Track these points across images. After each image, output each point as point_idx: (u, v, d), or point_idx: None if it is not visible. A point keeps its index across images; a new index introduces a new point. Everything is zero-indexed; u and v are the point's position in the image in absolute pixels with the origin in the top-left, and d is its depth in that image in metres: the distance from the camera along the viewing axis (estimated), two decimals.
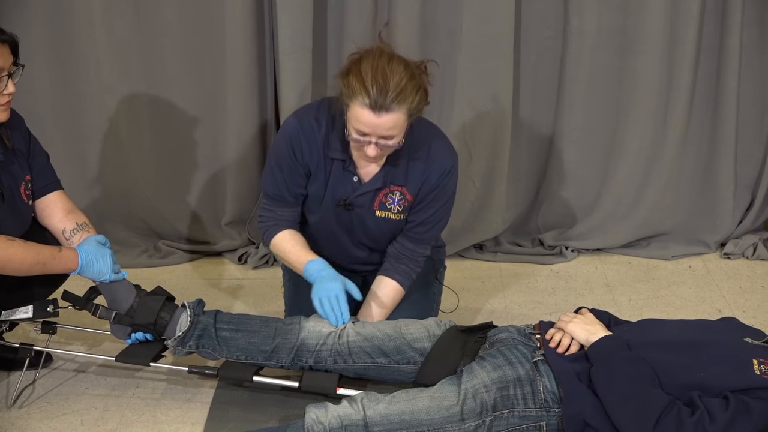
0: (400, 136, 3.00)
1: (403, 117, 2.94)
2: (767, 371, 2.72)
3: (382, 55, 2.96)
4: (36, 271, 3.08)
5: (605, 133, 4.35)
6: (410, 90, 2.92)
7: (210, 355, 3.23)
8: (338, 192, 3.25)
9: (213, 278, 4.30)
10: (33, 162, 3.25)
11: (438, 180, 3.22)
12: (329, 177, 3.23)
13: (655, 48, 4.13)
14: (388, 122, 2.92)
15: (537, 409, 2.88)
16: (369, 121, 2.92)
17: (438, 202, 3.27)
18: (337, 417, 2.85)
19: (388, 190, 3.24)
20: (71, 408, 3.33)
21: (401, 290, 3.39)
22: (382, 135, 2.96)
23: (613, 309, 3.75)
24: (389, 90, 2.88)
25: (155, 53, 4.14)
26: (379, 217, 3.28)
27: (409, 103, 2.93)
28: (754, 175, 4.48)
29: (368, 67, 2.92)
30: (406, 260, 3.38)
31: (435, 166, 3.20)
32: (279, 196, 3.29)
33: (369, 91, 2.88)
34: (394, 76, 2.90)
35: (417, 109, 2.99)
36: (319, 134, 3.17)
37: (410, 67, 2.97)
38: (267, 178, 3.30)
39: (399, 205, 3.26)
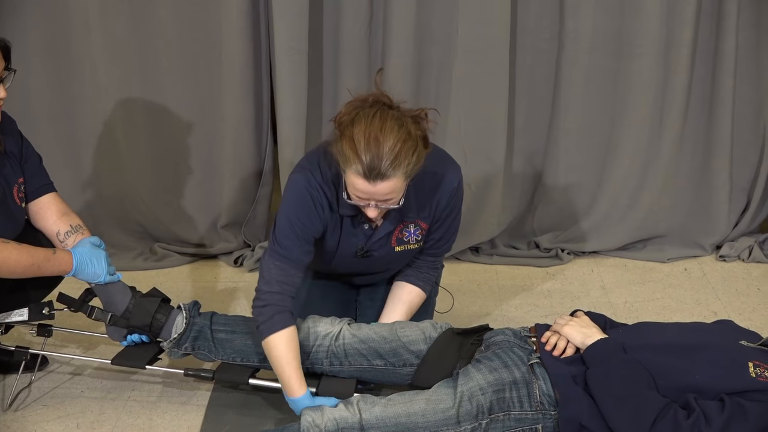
0: (399, 196, 2.91)
1: (401, 181, 2.84)
2: (763, 374, 2.72)
3: (375, 117, 2.81)
4: (30, 273, 3.07)
5: (601, 136, 4.36)
6: (405, 153, 2.79)
7: (206, 356, 3.23)
8: (352, 244, 3.20)
9: (209, 281, 4.30)
10: (26, 164, 3.24)
11: (448, 200, 3.19)
12: (341, 231, 3.16)
13: (650, 50, 4.13)
14: (385, 189, 2.83)
15: (533, 412, 2.88)
16: (365, 189, 2.84)
17: (450, 217, 3.26)
18: (333, 420, 2.84)
19: (403, 226, 3.19)
20: (67, 411, 3.32)
21: (424, 295, 3.41)
22: (380, 200, 2.89)
23: (609, 312, 3.76)
24: (383, 157, 2.76)
25: (151, 56, 4.14)
26: (398, 252, 3.26)
27: (405, 167, 2.80)
28: (750, 177, 4.49)
29: (361, 133, 2.79)
30: (426, 268, 3.39)
31: (443, 189, 3.16)
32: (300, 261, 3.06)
33: (362, 160, 2.77)
34: (388, 139, 2.77)
35: (416, 168, 2.87)
36: (330, 191, 3.06)
37: (406, 126, 2.83)
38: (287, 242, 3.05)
39: (416, 235, 3.23)
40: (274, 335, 2.98)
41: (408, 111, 2.90)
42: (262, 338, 3.02)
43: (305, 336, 3.17)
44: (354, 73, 4.16)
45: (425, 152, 2.90)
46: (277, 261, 3.04)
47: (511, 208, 4.50)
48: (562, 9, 4.11)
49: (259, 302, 3.03)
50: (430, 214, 3.19)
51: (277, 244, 3.05)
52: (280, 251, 3.04)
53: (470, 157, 4.26)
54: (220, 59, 4.12)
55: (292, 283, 3.05)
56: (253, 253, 4.41)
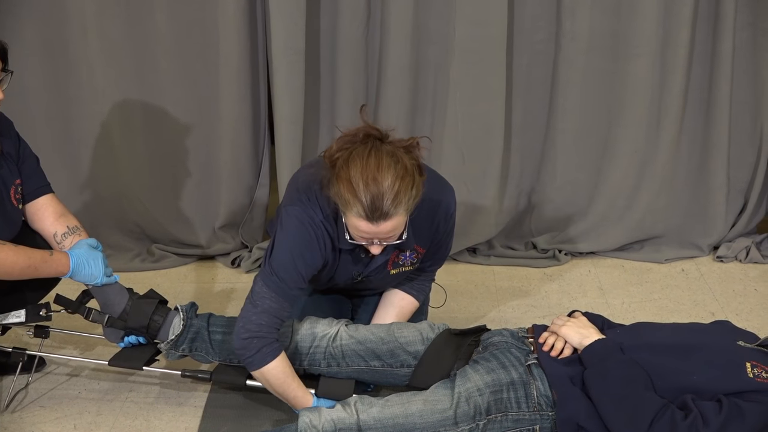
0: (402, 230, 2.90)
1: (403, 217, 2.83)
2: (760, 374, 2.72)
3: (370, 156, 2.77)
4: (27, 275, 3.07)
5: (598, 137, 4.36)
6: (405, 189, 2.76)
7: (203, 358, 3.23)
8: (349, 271, 3.19)
9: (206, 282, 4.29)
10: (23, 166, 3.24)
11: (445, 224, 3.20)
12: (339, 264, 3.15)
13: (647, 51, 4.13)
14: (388, 227, 2.81)
15: (530, 413, 2.88)
16: (368, 230, 2.82)
17: (446, 239, 3.27)
18: (330, 421, 2.84)
19: (399, 251, 3.18)
20: (64, 412, 3.32)
21: (417, 304, 3.43)
22: (384, 238, 2.88)
23: (607, 312, 3.76)
24: (383, 197, 2.74)
25: (147, 57, 4.14)
26: (393, 274, 3.26)
27: (405, 203, 2.78)
28: (747, 178, 4.49)
29: (358, 174, 2.75)
30: (420, 280, 3.41)
31: (441, 215, 3.16)
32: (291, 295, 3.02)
33: (363, 203, 2.74)
34: (386, 178, 2.74)
35: (415, 201, 2.85)
36: (332, 231, 3.02)
37: (401, 161, 2.79)
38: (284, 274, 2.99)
39: (411, 258, 3.23)
40: (267, 367, 2.97)
41: (399, 142, 2.86)
42: (252, 370, 3.00)
43: (303, 337, 3.18)
44: (351, 74, 4.16)
45: (421, 180, 2.86)
46: (273, 293, 2.99)
47: (509, 209, 4.50)
48: (559, 10, 4.11)
49: (245, 333, 2.97)
50: (427, 239, 3.19)
51: (275, 275, 2.99)
52: (279, 284, 2.99)
53: (467, 157, 4.26)
54: (217, 60, 4.12)
55: (282, 317, 3.01)
56: (251, 254, 4.40)
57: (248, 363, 2.99)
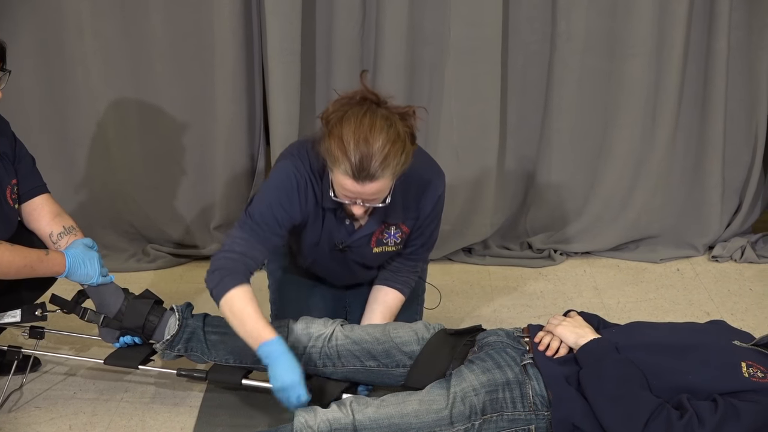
0: (386, 194, 2.94)
1: (389, 181, 2.87)
2: (755, 374, 2.72)
3: (365, 117, 2.82)
4: (23, 274, 3.07)
5: (593, 136, 4.37)
6: (394, 154, 2.81)
7: (199, 358, 3.23)
8: (333, 237, 3.21)
9: (201, 282, 4.22)
10: (19, 166, 3.24)
11: (433, 206, 3.21)
12: (323, 224, 3.17)
13: (642, 51, 4.14)
14: (373, 189, 2.85)
15: (526, 413, 2.88)
16: (353, 189, 2.85)
17: (433, 224, 3.28)
18: (326, 421, 2.84)
19: (384, 227, 3.20)
20: (59, 412, 3.32)
21: (402, 298, 3.40)
22: (368, 199, 2.91)
23: (602, 312, 3.76)
24: (372, 158, 2.78)
25: (143, 57, 4.14)
26: (376, 253, 3.27)
27: (393, 167, 2.83)
28: (742, 178, 4.50)
29: (350, 133, 2.79)
30: (405, 272, 3.39)
31: (428, 196, 3.18)
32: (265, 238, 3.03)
33: (351, 161, 2.79)
34: (377, 140, 2.78)
35: (403, 167, 2.89)
36: (317, 187, 3.07)
37: (394, 126, 2.83)
38: (259, 216, 3.03)
39: (396, 238, 3.24)
40: (226, 296, 2.93)
41: (396, 108, 2.90)
42: (217, 302, 2.96)
43: (298, 337, 3.17)
44: (347, 74, 4.16)
45: (412, 149, 2.91)
46: (245, 234, 3.02)
47: (504, 209, 4.50)
48: (554, 10, 4.11)
49: (212, 267, 2.99)
50: (413, 218, 3.21)
51: (250, 218, 3.03)
52: (252, 226, 3.02)
53: (463, 157, 4.26)
54: (212, 60, 4.12)
55: (253, 258, 3.00)
56: None
57: (213, 296, 2.97)
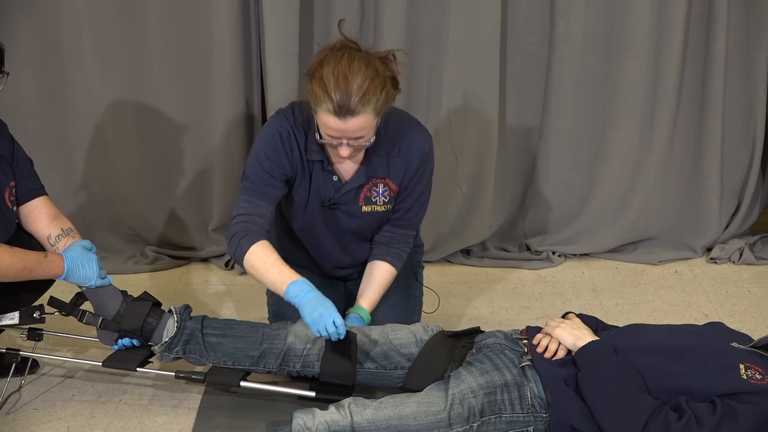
0: (370, 134, 3.03)
1: (371, 117, 2.97)
2: (754, 375, 2.72)
3: (343, 57, 2.96)
4: (22, 276, 3.07)
5: (592, 138, 4.36)
6: (374, 90, 2.93)
7: (197, 360, 3.23)
8: (321, 194, 3.26)
9: (200, 284, 4.29)
10: (17, 168, 3.24)
11: (418, 164, 3.26)
12: (311, 181, 3.25)
13: (641, 53, 4.14)
14: (355, 125, 2.95)
15: (524, 415, 2.88)
16: (336, 126, 2.96)
17: (420, 185, 3.31)
18: (324, 423, 2.84)
19: (372, 184, 3.26)
20: (58, 415, 3.31)
21: (393, 271, 3.42)
22: (352, 137, 2.99)
23: (600, 314, 3.76)
24: (352, 94, 2.90)
25: (141, 59, 4.14)
26: (365, 212, 3.31)
27: (374, 104, 2.94)
28: (740, 180, 4.49)
29: (330, 72, 2.93)
30: (397, 243, 3.42)
31: (413, 151, 3.24)
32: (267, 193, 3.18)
33: (332, 98, 2.90)
34: (356, 77, 2.91)
35: (385, 106, 3.02)
36: (300, 135, 3.19)
37: (373, 65, 2.97)
38: (253, 175, 3.20)
39: (384, 196, 3.29)
40: (246, 255, 3.10)
41: (376, 53, 3.05)
42: (240, 264, 3.14)
43: (296, 339, 3.18)
44: None
45: (395, 93, 3.06)
46: (245, 195, 3.19)
47: (502, 211, 4.50)
48: (552, 11, 4.11)
49: (227, 237, 3.19)
50: (400, 174, 3.26)
51: (245, 180, 3.21)
52: (248, 185, 3.20)
53: (461, 159, 4.26)
54: (210, 61, 4.11)
55: (260, 214, 3.17)
56: None
57: (236, 260, 3.15)
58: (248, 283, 4.23)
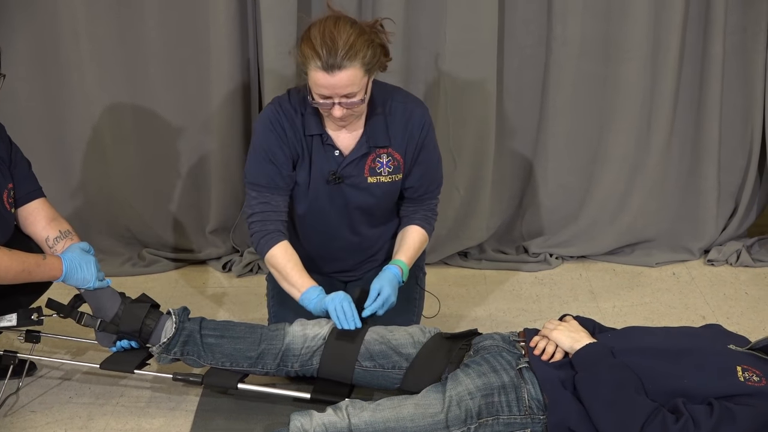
0: (361, 92, 3.08)
1: (359, 72, 3.03)
2: (751, 378, 2.72)
3: (329, 19, 3.06)
4: (21, 279, 3.07)
5: (589, 140, 4.37)
6: (360, 45, 3.01)
7: (195, 362, 3.23)
8: (324, 170, 3.29)
9: (197, 286, 4.29)
10: (15, 170, 3.24)
11: (419, 133, 3.31)
12: (312, 157, 3.29)
13: (638, 55, 4.15)
14: (344, 79, 3.01)
15: (522, 417, 2.88)
16: (326, 83, 3.02)
17: (425, 153, 3.35)
18: (321, 425, 2.84)
19: (375, 155, 3.29)
20: (55, 417, 3.31)
21: (423, 232, 3.44)
22: (343, 94, 3.04)
23: (598, 316, 3.76)
24: (338, 48, 2.97)
25: (139, 61, 4.14)
26: (371, 184, 3.33)
27: (361, 58, 3.01)
28: (738, 182, 4.49)
29: (317, 32, 3.02)
30: (422, 210, 3.46)
31: (413, 122, 3.30)
32: (272, 183, 3.27)
33: (320, 54, 2.98)
34: (342, 34, 3.00)
35: (373, 62, 3.09)
36: (296, 115, 3.25)
37: (359, 25, 3.08)
38: (255, 169, 3.29)
39: (389, 166, 3.32)
40: (267, 255, 3.29)
41: (363, 21, 3.18)
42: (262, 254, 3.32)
43: (294, 339, 3.18)
44: None
45: (385, 60, 3.17)
46: (253, 191, 3.30)
47: (500, 213, 4.50)
48: (549, 14, 4.11)
49: (249, 231, 3.34)
50: (402, 143, 3.31)
51: (248, 174, 3.32)
52: (252, 180, 3.30)
53: (459, 161, 4.27)
54: (208, 64, 4.12)
55: (273, 207, 3.29)
56: (242, 259, 4.40)
57: (258, 250, 3.33)
58: (246, 285, 4.24)
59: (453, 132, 4.22)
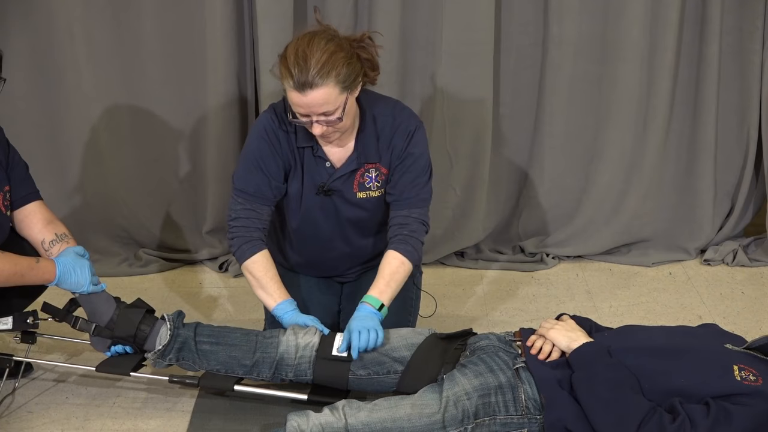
0: (339, 110, 3.05)
1: (334, 90, 3.00)
2: (747, 377, 2.72)
3: (304, 37, 3.04)
4: (14, 282, 3.06)
5: (585, 140, 4.36)
6: (335, 62, 2.98)
7: (190, 367, 3.22)
8: (315, 181, 3.29)
9: (193, 287, 4.29)
10: (11, 172, 3.23)
11: (403, 143, 3.28)
12: (303, 169, 3.28)
13: (634, 55, 4.14)
14: (318, 98, 2.99)
15: (518, 416, 2.88)
16: (299, 101, 3.01)
17: (409, 161, 3.30)
18: (318, 425, 2.84)
19: (364, 170, 3.29)
20: (51, 418, 3.31)
21: (398, 256, 3.29)
22: (319, 112, 3.03)
23: (594, 316, 3.76)
24: (310, 67, 2.95)
25: (135, 62, 4.14)
26: (361, 199, 3.32)
27: (335, 76, 2.99)
28: (734, 182, 4.49)
29: (291, 50, 3.01)
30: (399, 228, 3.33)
31: (398, 131, 3.27)
32: (260, 193, 3.28)
33: (292, 73, 2.97)
34: (315, 53, 2.97)
35: (350, 79, 3.05)
36: (290, 126, 3.23)
37: (337, 41, 3.05)
38: (244, 176, 3.29)
39: (377, 181, 3.31)
40: (245, 264, 3.29)
41: (350, 35, 3.16)
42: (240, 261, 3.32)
43: (287, 348, 3.16)
44: None
45: (374, 75, 3.18)
46: (239, 197, 3.30)
47: (496, 213, 4.50)
48: (546, 14, 4.11)
49: (229, 235, 3.34)
50: (388, 156, 3.29)
51: (236, 179, 3.32)
52: (240, 186, 3.30)
53: (455, 161, 4.26)
54: (204, 65, 4.11)
55: (257, 216, 3.29)
56: None
57: (236, 256, 3.33)
58: (242, 285, 4.23)
59: (449, 132, 4.22)
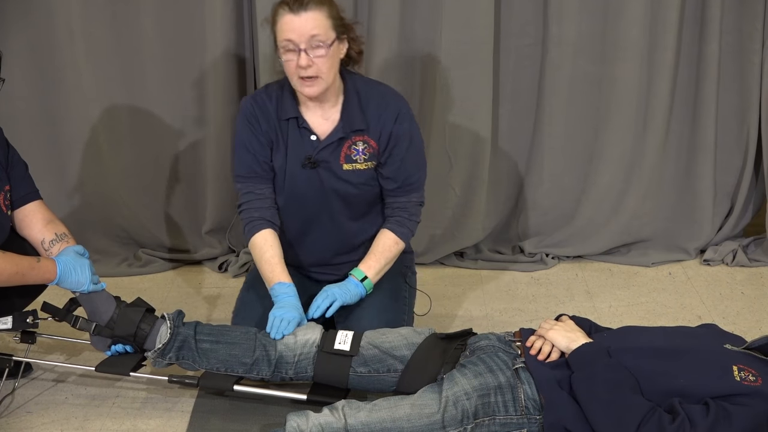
0: (327, 43, 3.12)
1: (327, 22, 3.11)
2: (747, 377, 2.72)
3: None
4: (14, 281, 3.06)
5: (585, 141, 4.36)
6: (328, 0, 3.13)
7: (190, 366, 3.22)
8: (300, 154, 3.32)
9: (193, 287, 4.29)
10: (11, 172, 3.24)
11: (393, 126, 3.32)
12: (287, 142, 3.32)
13: (634, 55, 4.14)
14: (310, 20, 3.07)
15: (518, 417, 2.88)
16: (291, 25, 3.08)
17: (402, 145, 3.35)
18: (318, 425, 2.84)
19: (351, 142, 3.32)
20: (51, 418, 3.31)
21: (393, 236, 3.42)
22: (309, 35, 3.07)
23: (594, 316, 3.76)
24: None
25: (135, 61, 4.14)
26: (347, 171, 3.34)
27: (328, 8, 3.12)
28: (734, 182, 4.49)
29: None
30: (399, 211, 3.44)
31: (387, 112, 3.33)
32: (252, 172, 3.37)
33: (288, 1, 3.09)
34: None
35: (340, 28, 3.17)
36: (271, 103, 3.32)
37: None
38: (236, 161, 3.41)
39: (364, 153, 3.34)
40: (250, 242, 3.39)
41: None
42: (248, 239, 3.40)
43: (287, 346, 3.17)
44: None
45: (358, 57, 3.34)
46: (238, 183, 3.43)
47: (496, 213, 4.50)
48: (545, 14, 4.11)
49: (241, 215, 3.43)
50: (377, 130, 3.32)
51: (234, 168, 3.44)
52: (236, 171, 3.42)
53: (455, 161, 4.26)
54: (203, 64, 4.11)
55: (257, 195, 3.39)
56: (238, 259, 4.40)
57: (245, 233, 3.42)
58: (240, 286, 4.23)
59: (448, 132, 4.21)
